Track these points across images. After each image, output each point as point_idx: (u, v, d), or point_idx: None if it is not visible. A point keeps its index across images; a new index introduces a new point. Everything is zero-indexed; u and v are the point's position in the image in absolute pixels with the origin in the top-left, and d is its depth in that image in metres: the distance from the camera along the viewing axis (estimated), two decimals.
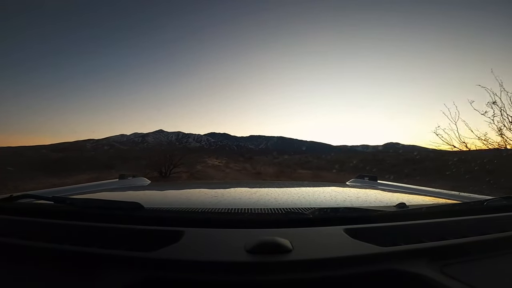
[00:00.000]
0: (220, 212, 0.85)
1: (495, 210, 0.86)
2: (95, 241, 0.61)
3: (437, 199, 1.28)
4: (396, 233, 0.68)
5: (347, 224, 0.69)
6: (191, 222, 0.71)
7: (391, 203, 0.96)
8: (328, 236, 0.63)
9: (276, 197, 1.27)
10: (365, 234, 0.64)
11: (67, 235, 0.67)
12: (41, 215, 0.76)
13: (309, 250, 0.56)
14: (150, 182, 1.99)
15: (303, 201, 1.19)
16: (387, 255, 0.56)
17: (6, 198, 0.91)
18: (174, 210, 0.85)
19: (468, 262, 0.60)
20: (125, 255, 0.55)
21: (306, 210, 0.78)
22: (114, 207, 0.79)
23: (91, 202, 0.84)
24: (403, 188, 1.71)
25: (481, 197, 1.22)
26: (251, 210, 0.87)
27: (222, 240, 0.61)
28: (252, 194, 1.33)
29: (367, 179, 1.99)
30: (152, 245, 0.57)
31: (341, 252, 0.56)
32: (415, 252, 0.58)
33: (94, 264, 0.55)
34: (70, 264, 0.57)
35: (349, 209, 0.84)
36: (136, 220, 0.71)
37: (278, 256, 0.53)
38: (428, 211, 0.83)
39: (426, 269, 0.54)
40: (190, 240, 0.60)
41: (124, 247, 0.59)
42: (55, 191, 1.32)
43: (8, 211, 0.81)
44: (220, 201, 1.19)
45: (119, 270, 0.52)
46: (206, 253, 0.55)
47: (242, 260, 0.53)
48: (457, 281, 0.51)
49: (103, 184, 1.71)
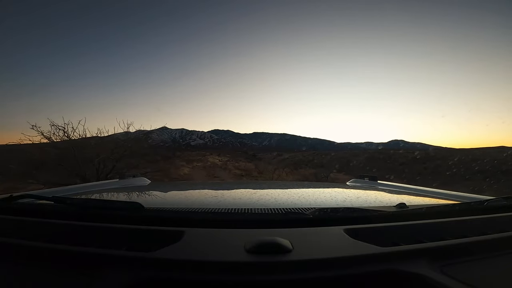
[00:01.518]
0: (220, 212, 0.85)
1: (495, 210, 0.87)
2: (95, 241, 0.61)
3: (437, 199, 1.28)
4: (396, 233, 0.68)
5: (347, 224, 0.69)
6: (191, 222, 0.71)
7: (391, 203, 0.96)
8: (328, 236, 0.63)
9: (276, 197, 1.26)
10: (365, 234, 0.64)
11: (67, 235, 0.67)
12: (41, 215, 0.76)
13: (309, 250, 0.56)
14: (150, 182, 1.98)
15: (303, 201, 1.18)
16: (387, 255, 0.56)
17: (6, 198, 0.90)
18: (174, 210, 0.84)
19: (468, 262, 0.60)
20: (125, 255, 0.55)
21: (306, 210, 0.78)
22: (114, 207, 0.79)
23: (91, 202, 0.84)
24: (403, 188, 1.70)
25: (481, 197, 1.21)
26: (251, 210, 0.86)
27: (222, 240, 0.61)
28: (252, 194, 1.33)
29: (367, 179, 1.99)
30: (152, 245, 0.57)
31: (341, 252, 0.56)
32: (415, 252, 0.59)
33: (94, 264, 0.55)
34: (70, 264, 0.56)
35: (349, 209, 0.84)
36: (136, 220, 0.71)
37: (278, 256, 0.53)
38: (428, 211, 0.84)
39: (426, 269, 0.54)
40: (190, 240, 0.60)
41: (124, 247, 0.59)
42: (55, 191, 1.31)
43: (8, 211, 0.81)
44: (220, 201, 1.19)
45: (119, 270, 0.52)
46: (206, 253, 0.55)
47: (242, 260, 0.53)
48: (457, 281, 0.51)
49: (103, 184, 1.70)
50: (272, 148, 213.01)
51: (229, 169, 21.48)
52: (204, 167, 21.70)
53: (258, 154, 42.07)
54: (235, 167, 22.78)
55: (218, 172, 18.48)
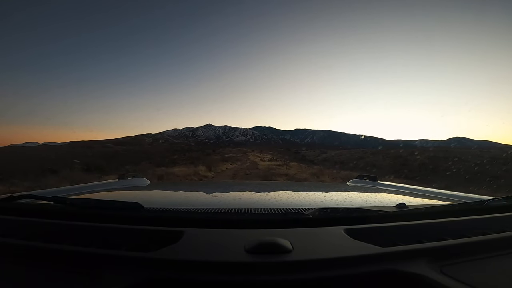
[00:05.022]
0: (220, 212, 0.84)
1: (495, 210, 0.86)
2: (95, 241, 0.61)
3: (437, 199, 1.27)
4: (396, 233, 0.68)
5: (347, 225, 0.69)
6: (191, 222, 0.70)
7: (391, 203, 0.96)
8: (328, 237, 0.63)
9: (276, 197, 1.27)
10: (365, 234, 0.64)
11: (67, 235, 0.67)
12: (41, 215, 0.76)
13: (309, 250, 0.56)
14: (150, 182, 1.95)
15: (303, 201, 1.18)
16: (387, 255, 0.56)
17: (6, 198, 0.90)
18: (174, 210, 0.84)
19: (468, 262, 0.60)
20: (125, 255, 0.55)
21: (306, 210, 0.77)
22: (114, 207, 0.79)
23: (91, 202, 0.83)
24: (403, 188, 1.69)
25: (481, 197, 1.20)
26: (251, 210, 0.86)
27: (222, 240, 0.61)
28: (252, 194, 1.35)
29: (367, 179, 1.97)
30: (152, 245, 0.58)
31: (341, 252, 0.56)
32: (415, 252, 0.59)
33: (94, 264, 0.55)
34: (70, 264, 0.56)
35: (349, 209, 0.84)
36: (136, 220, 0.71)
37: (278, 256, 0.53)
38: (428, 211, 0.83)
39: (426, 269, 0.54)
40: (190, 240, 0.60)
41: (124, 247, 0.59)
42: (55, 191, 1.30)
43: (8, 211, 0.81)
44: (220, 201, 1.19)
45: (119, 270, 0.52)
46: (206, 253, 0.55)
47: (242, 261, 0.53)
48: (457, 281, 0.51)
49: (103, 184, 1.68)
50: (315, 145, 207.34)
51: (282, 174, 14.11)
52: (238, 173, 15.14)
53: (301, 152, 40.68)
54: (286, 172, 15.67)
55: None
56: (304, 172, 16.05)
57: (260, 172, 15.21)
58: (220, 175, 14.27)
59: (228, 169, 18.29)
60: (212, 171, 15.42)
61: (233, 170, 17.72)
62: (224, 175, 14.52)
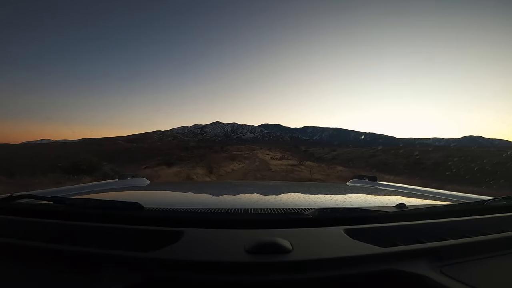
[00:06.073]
0: (220, 212, 0.84)
1: (495, 210, 0.86)
2: (94, 241, 0.62)
3: (436, 200, 1.27)
4: (396, 233, 0.68)
5: (347, 225, 0.69)
6: (191, 222, 0.70)
7: (391, 203, 0.95)
8: (328, 237, 0.63)
9: (276, 197, 1.26)
10: (365, 234, 0.65)
11: (66, 235, 0.67)
12: (41, 215, 0.76)
13: (308, 251, 0.56)
14: (150, 182, 1.94)
15: (303, 201, 1.18)
16: (386, 256, 0.56)
17: (6, 198, 0.90)
18: (174, 210, 0.84)
19: (468, 262, 0.60)
20: (125, 255, 0.56)
21: (306, 211, 0.77)
22: (114, 207, 0.79)
23: (91, 202, 0.83)
24: (403, 188, 1.69)
25: (481, 197, 1.19)
26: (251, 211, 0.86)
27: (221, 240, 0.61)
28: (252, 194, 1.34)
29: (366, 179, 1.96)
30: (152, 245, 0.58)
31: (341, 252, 0.56)
32: (415, 252, 0.59)
33: (94, 264, 0.55)
34: (69, 264, 0.57)
35: (349, 209, 0.84)
36: (135, 220, 0.71)
37: (277, 256, 0.54)
38: (428, 212, 0.83)
39: (426, 269, 0.54)
40: (190, 240, 0.60)
41: (123, 247, 0.59)
42: (55, 191, 1.30)
43: (8, 211, 0.81)
44: (220, 201, 1.19)
45: (118, 270, 0.53)
46: (206, 253, 0.55)
47: (242, 261, 0.53)
48: (457, 281, 0.51)
49: (102, 184, 1.68)
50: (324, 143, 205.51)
51: (304, 179, 11.65)
52: (246, 176, 12.84)
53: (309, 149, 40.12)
54: (309, 175, 13.26)
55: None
56: (330, 175, 13.70)
57: (275, 175, 12.82)
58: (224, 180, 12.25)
59: (234, 171, 15.94)
60: (213, 173, 13.31)
61: (240, 172, 15.24)
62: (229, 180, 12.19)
